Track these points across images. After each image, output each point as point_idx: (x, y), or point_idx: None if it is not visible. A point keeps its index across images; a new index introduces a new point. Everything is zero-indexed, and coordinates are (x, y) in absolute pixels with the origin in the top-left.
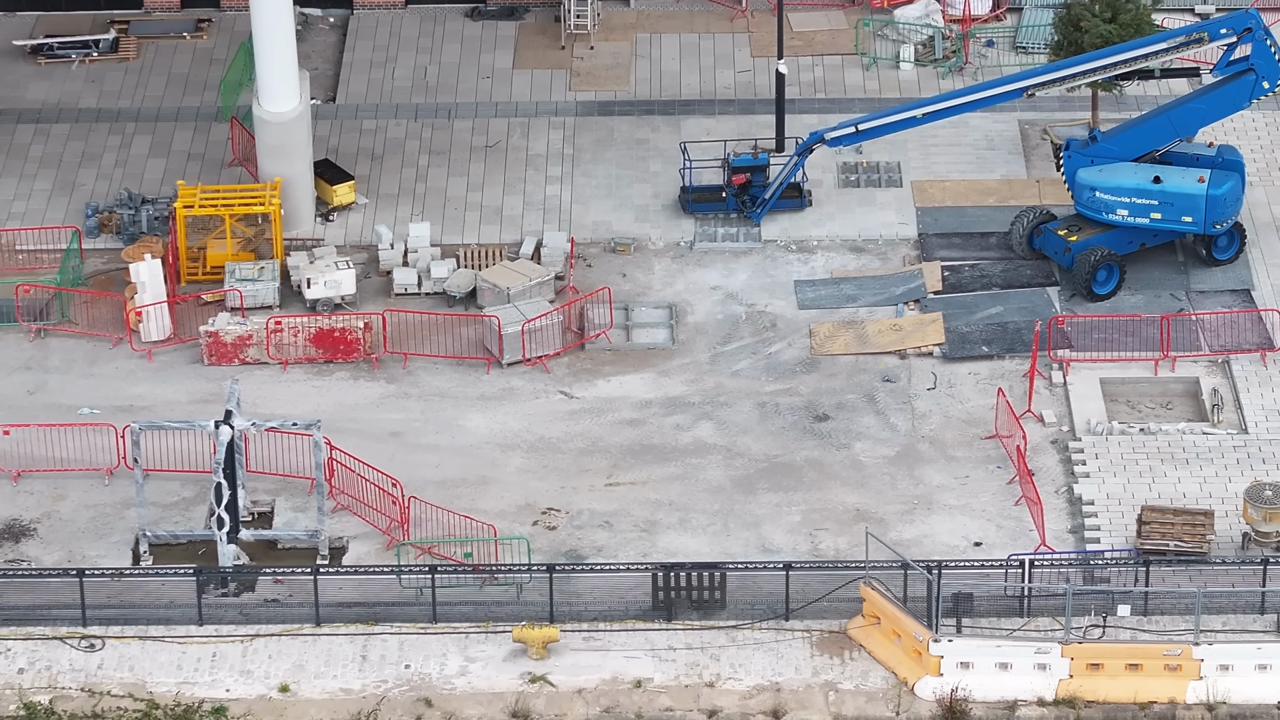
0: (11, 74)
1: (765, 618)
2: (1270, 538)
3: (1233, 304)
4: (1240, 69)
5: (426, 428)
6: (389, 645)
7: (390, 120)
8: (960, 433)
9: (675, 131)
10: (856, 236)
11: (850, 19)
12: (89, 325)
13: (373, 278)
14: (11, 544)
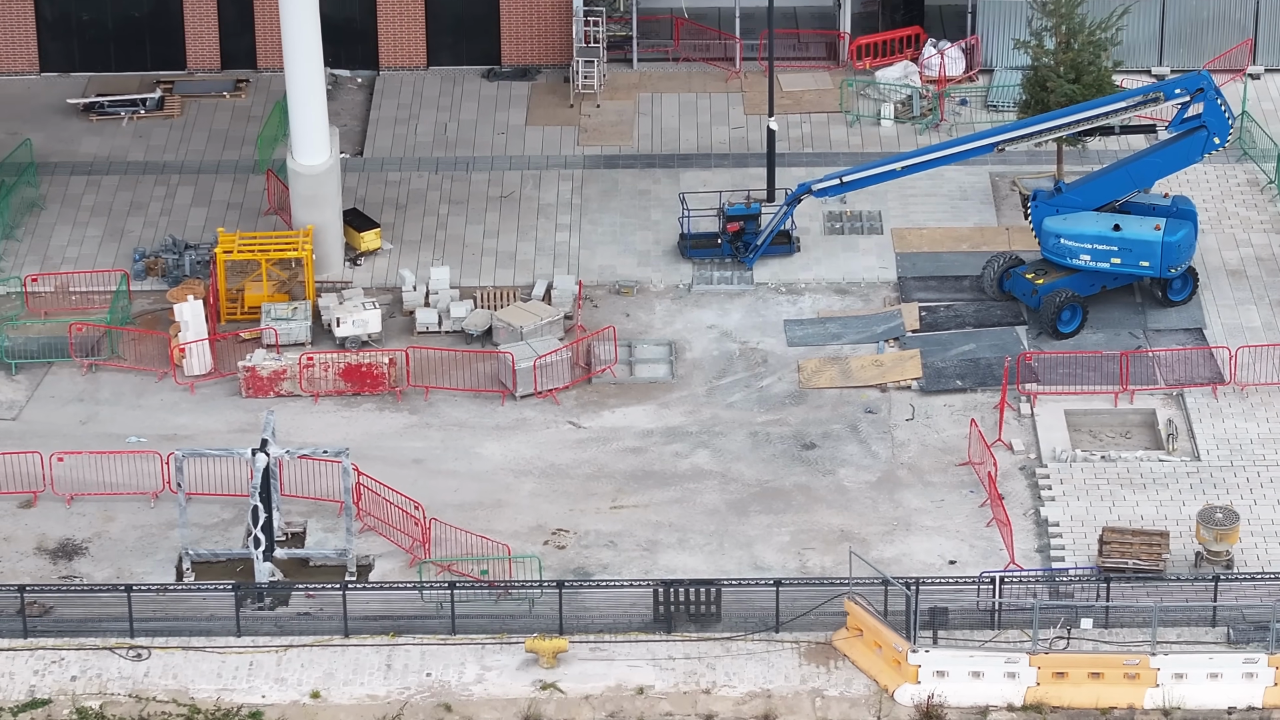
0: (66, 130)
1: (757, 630)
2: (1221, 556)
3: (1186, 341)
4: (1193, 126)
5: (446, 455)
6: (412, 655)
7: (413, 172)
8: (936, 460)
9: (674, 183)
10: (841, 279)
11: (835, 80)
12: (136, 361)
13: (397, 317)
14: (65, 561)
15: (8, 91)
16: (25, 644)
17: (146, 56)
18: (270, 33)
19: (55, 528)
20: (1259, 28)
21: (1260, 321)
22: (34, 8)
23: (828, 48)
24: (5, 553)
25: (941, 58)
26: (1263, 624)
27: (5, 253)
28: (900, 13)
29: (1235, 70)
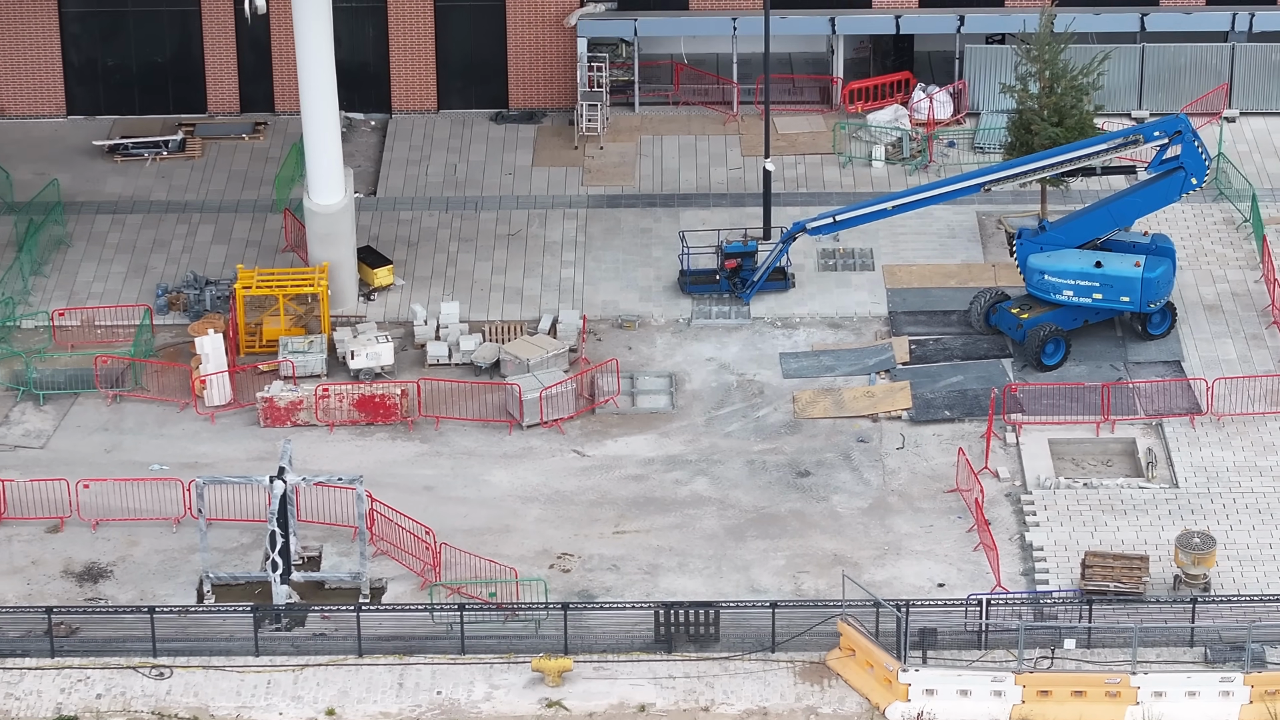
0: (92, 170)
1: (754, 650)
2: (1198, 579)
3: (1165, 374)
4: (1171, 167)
5: (456, 482)
6: (423, 674)
7: (424, 211)
8: (925, 487)
9: (675, 221)
10: (834, 314)
11: (828, 123)
12: (159, 391)
13: (409, 350)
14: (91, 584)
15: (36, 134)
16: (53, 663)
17: (169, 100)
18: (287, 77)
19: (81, 552)
20: (1234, 73)
21: (1236, 354)
22: (61, 54)
23: (821, 92)
24: (34, 575)
25: (930, 102)
26: (1238, 644)
27: (34, 288)
28: (891, 59)
29: (1211, 114)
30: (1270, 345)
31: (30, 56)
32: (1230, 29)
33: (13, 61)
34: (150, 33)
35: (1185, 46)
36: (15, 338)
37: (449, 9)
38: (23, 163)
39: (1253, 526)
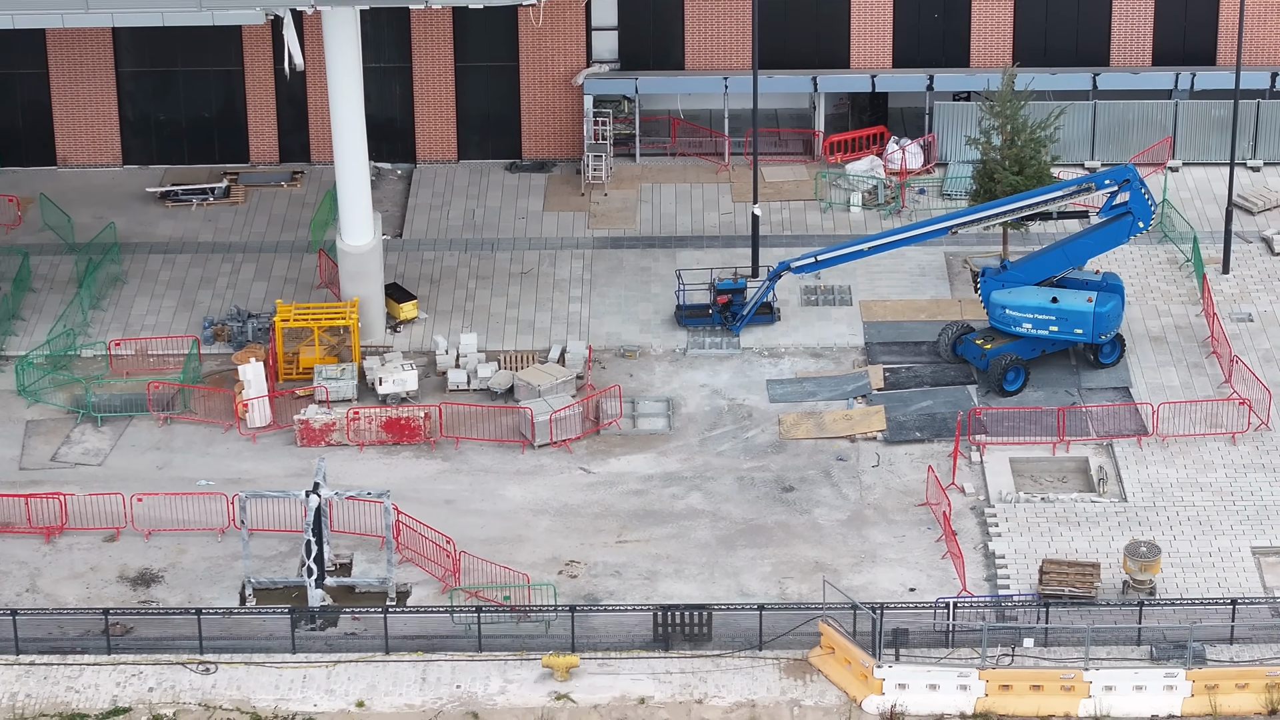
0: (145, 215)
1: (743, 648)
2: (1145, 584)
3: (1115, 399)
4: (1120, 212)
5: (474, 496)
6: (444, 669)
7: (445, 252)
8: (898, 501)
9: (671, 261)
10: (816, 345)
11: (811, 172)
12: (206, 414)
13: (431, 377)
14: (144, 588)
15: (95, 182)
16: (109, 659)
17: (215, 151)
18: (322, 130)
19: (135, 559)
20: (1177, 128)
21: (1179, 381)
22: (118, 109)
23: (804, 144)
24: (92, 580)
25: (903, 153)
26: (1181, 643)
27: (93, 321)
28: (867, 114)
29: (1157, 164)
30: (1210, 373)
31: (90, 112)
32: (1174, 88)
33: (74, 116)
34: (198, 90)
35: (1133, 103)
36: (76, 365)
37: (468, 69)
38: (83, 207)
39: (1194, 537)
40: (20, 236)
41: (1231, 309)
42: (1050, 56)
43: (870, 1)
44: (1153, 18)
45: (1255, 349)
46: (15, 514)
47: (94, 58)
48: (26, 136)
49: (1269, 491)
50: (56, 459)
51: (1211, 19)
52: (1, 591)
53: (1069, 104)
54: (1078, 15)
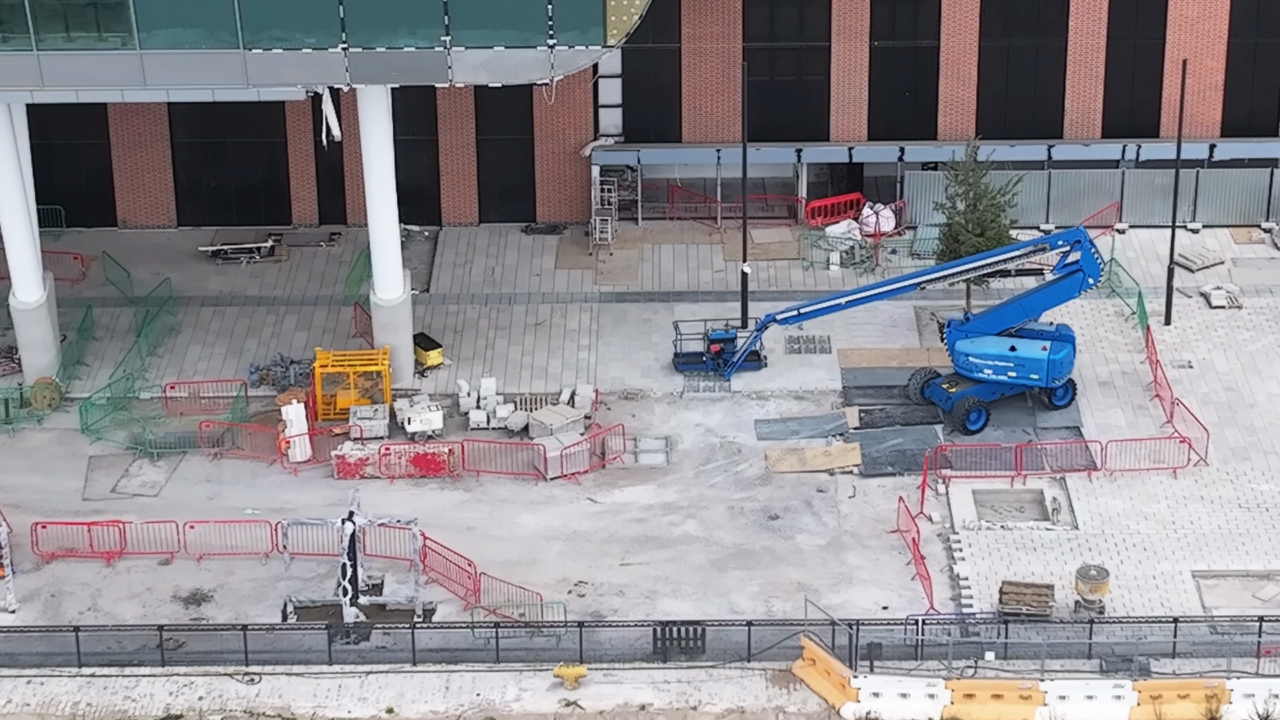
0: (197, 271)
1: (733, 660)
2: (1095, 604)
3: (1067, 437)
4: (1072, 270)
5: (492, 524)
6: (465, 679)
7: (468, 305)
8: (872, 528)
9: (670, 313)
10: (799, 388)
11: (795, 234)
12: (252, 450)
13: (455, 417)
14: (195, 607)
15: (152, 241)
16: (163, 671)
17: (260, 214)
18: (357, 196)
19: (187, 580)
20: (1124, 194)
21: (1125, 421)
22: (173, 176)
23: (789, 209)
24: (148, 600)
25: (877, 217)
26: (1128, 657)
27: (149, 366)
28: (845, 182)
29: (1106, 226)
30: (1153, 414)
31: (147, 178)
32: (1121, 158)
33: (133, 182)
34: (245, 159)
35: (1084, 172)
36: (134, 406)
37: (488, 141)
38: (141, 264)
39: (1139, 561)
40: (84, 290)
41: (1173, 357)
42: (1010, 130)
43: (848, 81)
44: (1102, 95)
45: (1194, 392)
46: (79, 540)
47: (151, 129)
48: (90, 200)
49: (1207, 521)
50: (116, 490)
51: (1155, 96)
52: (66, 610)
53: (1026, 172)
54: (1034, 93)
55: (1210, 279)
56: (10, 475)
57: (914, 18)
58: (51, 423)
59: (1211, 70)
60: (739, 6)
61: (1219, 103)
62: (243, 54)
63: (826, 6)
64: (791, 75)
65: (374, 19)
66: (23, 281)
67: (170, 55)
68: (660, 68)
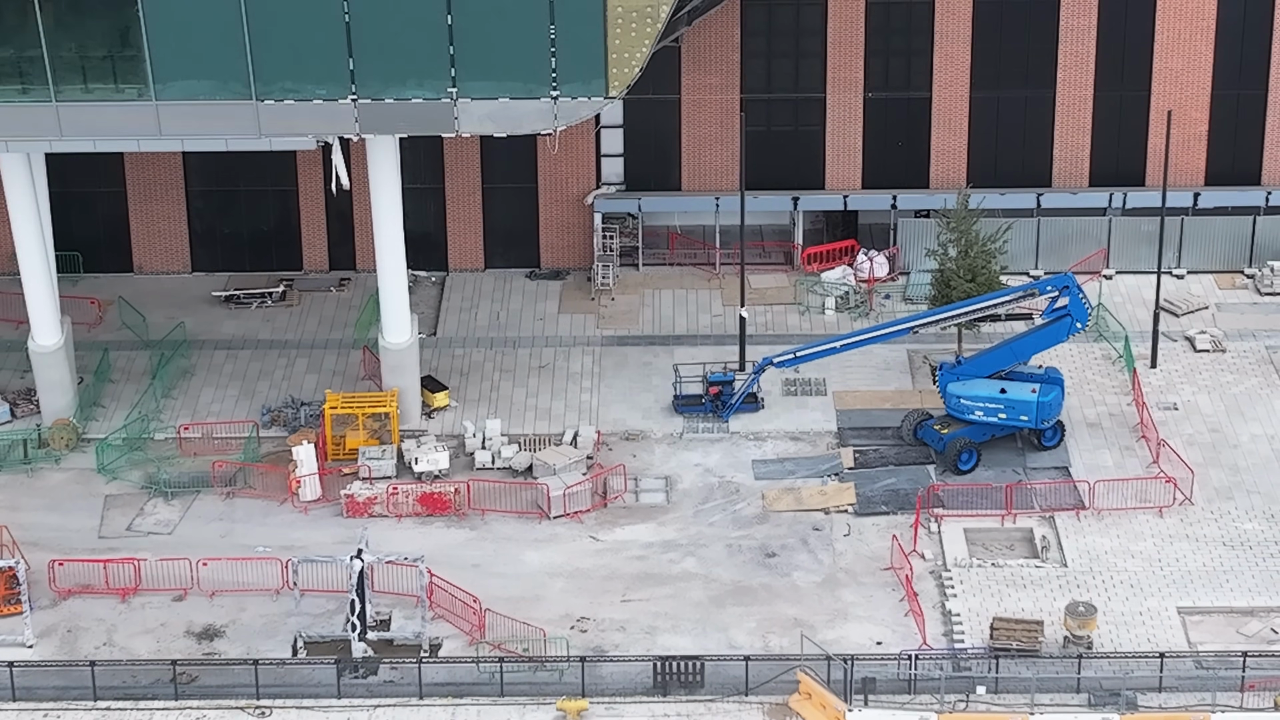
0: (211, 315)
1: (732, 694)
2: (1083, 640)
3: (1056, 476)
4: (1060, 314)
5: (497, 561)
6: (470, 712)
7: (473, 348)
8: (866, 566)
9: (670, 356)
10: (795, 430)
11: (791, 279)
12: (263, 489)
13: (461, 457)
14: (208, 642)
15: (167, 287)
16: (176, 705)
17: (272, 259)
18: (366, 242)
19: (200, 616)
20: (1111, 241)
21: (1112, 462)
22: (187, 223)
23: (785, 255)
24: (162, 635)
25: (871, 263)
26: (1115, 691)
27: (164, 408)
28: (840, 229)
29: (1094, 272)
30: (1139, 455)
31: (162, 225)
32: (1108, 205)
33: (148, 229)
34: (257, 206)
35: (1072, 219)
36: (149, 447)
37: (493, 190)
38: (156, 309)
39: (1126, 598)
40: (101, 334)
41: (1159, 399)
42: (1000, 179)
43: (842, 131)
44: (1089, 145)
45: (1180, 434)
46: (95, 577)
47: (166, 178)
48: (106, 246)
49: (1192, 559)
50: (131, 528)
51: (1141, 146)
52: (82, 645)
53: (1015, 220)
54: (1024, 143)
55: (1195, 323)
56: (28, 514)
57: (907, 70)
58: (69, 462)
59: (1196, 121)
60: (737, 59)
61: (1203, 152)
62: (255, 105)
63: (822, 59)
64: (788, 126)
65: (383, 71)
66: (41, 325)
67: (185, 106)
68: (660, 118)
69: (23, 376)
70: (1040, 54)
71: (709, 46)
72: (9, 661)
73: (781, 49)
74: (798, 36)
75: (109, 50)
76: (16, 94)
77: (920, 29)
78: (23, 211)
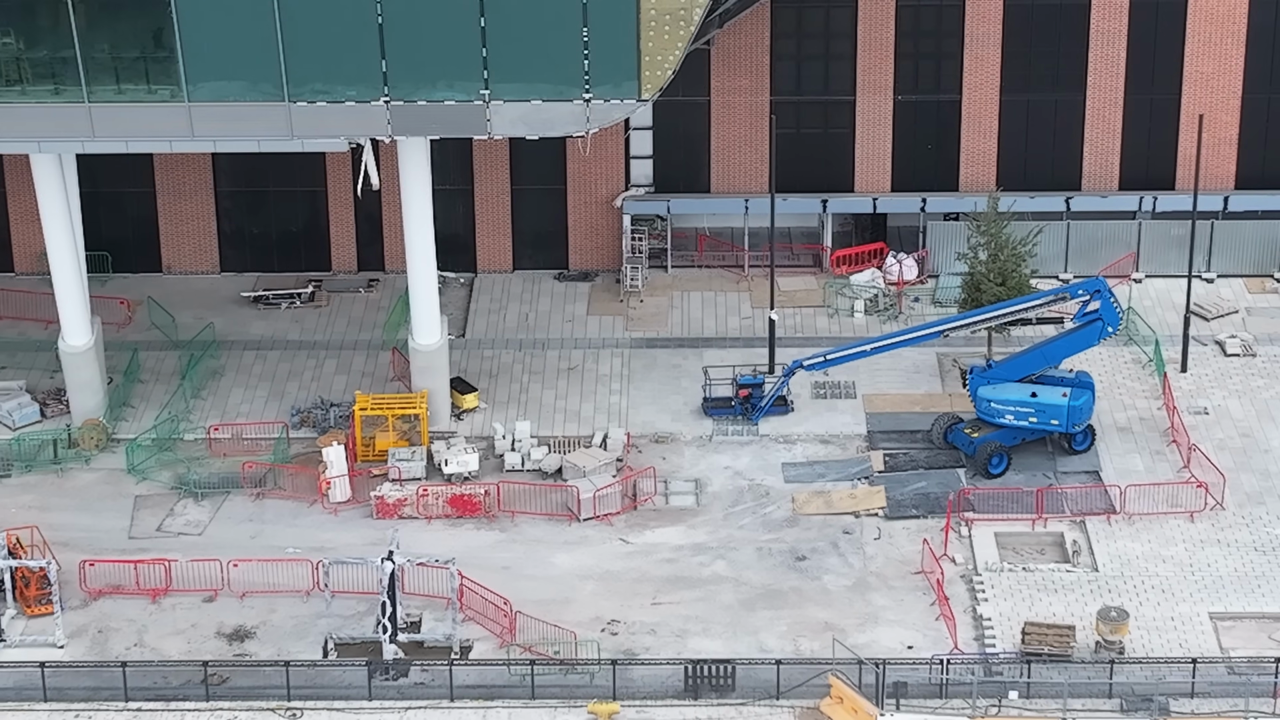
0: (240, 316)
1: (763, 697)
2: (1115, 645)
3: (1087, 481)
4: (1091, 318)
5: (527, 563)
6: (500, 715)
7: (502, 350)
8: (897, 569)
9: (699, 359)
10: (825, 433)
11: (820, 282)
12: (293, 490)
13: (490, 459)
14: (239, 643)
15: (196, 287)
16: (208, 706)
17: (301, 260)
18: (395, 243)
19: (231, 617)
20: (1140, 244)
21: (1143, 466)
22: (216, 224)
23: (814, 258)
24: (193, 636)
25: (900, 266)
26: (1148, 696)
27: (194, 408)
28: (869, 232)
29: (1123, 276)
30: (1170, 459)
31: (191, 226)
32: (1138, 209)
33: (178, 230)
34: (286, 207)
35: (1102, 223)
36: (179, 447)
37: (522, 191)
38: (185, 309)
39: (1158, 603)
40: (130, 334)
41: (1189, 403)
42: (1029, 182)
43: (872, 134)
44: (1119, 148)
45: (1210, 438)
46: (125, 578)
47: (195, 178)
48: (135, 247)
49: (1224, 564)
50: (162, 529)
51: (1171, 149)
52: (113, 646)
53: (1045, 223)
54: (1053, 146)
55: (1225, 328)
56: (58, 514)
57: (937, 73)
58: (98, 463)
59: (1226, 125)
60: (767, 61)
61: (1233, 156)
62: (288, 106)
63: (852, 61)
64: (817, 128)
65: (415, 73)
66: (72, 326)
67: (217, 107)
68: (690, 120)
69: (52, 377)
70: (1070, 57)
71: (739, 48)
72: (41, 662)
73: (811, 51)
74: (828, 39)
75: (142, 51)
76: (49, 94)
77: (950, 32)
78: (54, 212)
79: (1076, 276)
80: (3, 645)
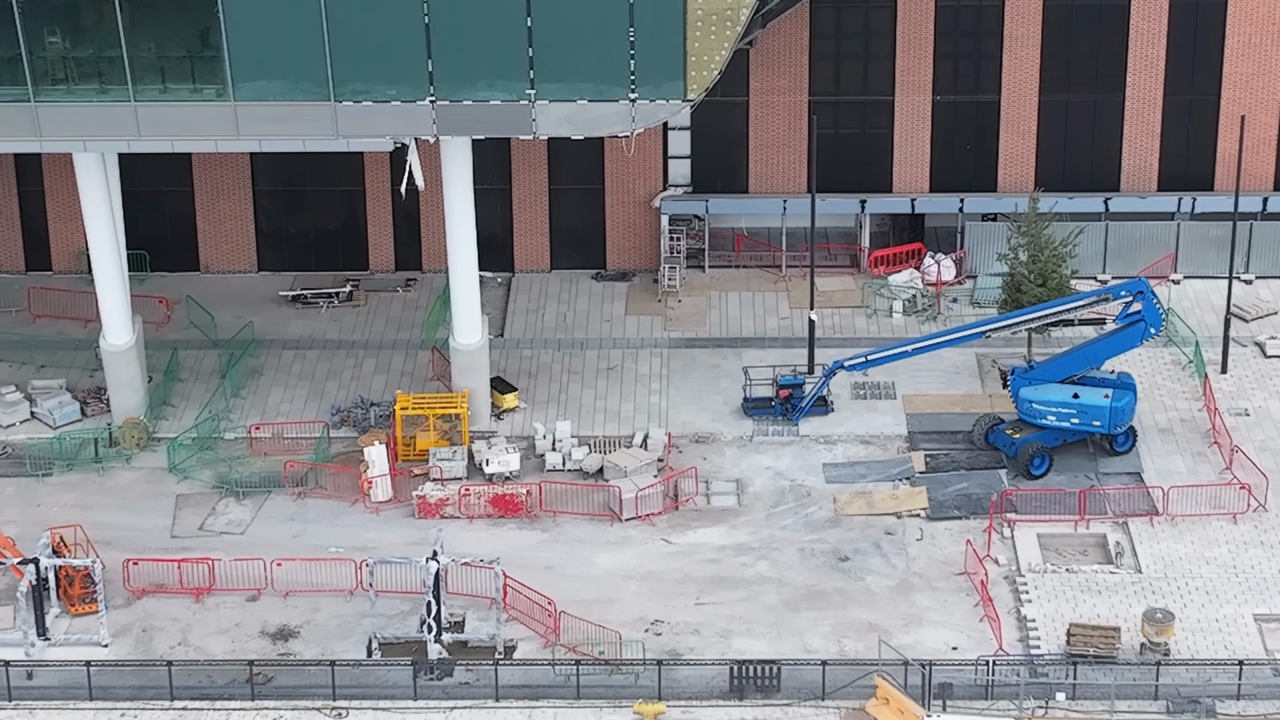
0: (278, 315)
1: (808, 698)
2: (1160, 647)
3: (1129, 482)
4: (1134, 319)
5: (570, 563)
6: (545, 714)
7: (541, 350)
8: (940, 570)
9: (738, 359)
10: (865, 433)
11: (859, 283)
12: (335, 490)
13: (531, 459)
14: (283, 642)
15: (234, 286)
16: (253, 705)
17: (339, 260)
18: (433, 242)
19: (275, 616)
20: (1179, 245)
21: (1184, 468)
22: (254, 223)
23: (852, 258)
24: (237, 635)
25: (939, 266)
26: (1194, 699)
27: (234, 408)
28: (907, 232)
29: (1162, 277)
30: (1212, 461)
31: (230, 225)
32: (1176, 210)
33: (216, 229)
34: (324, 206)
35: (1141, 224)
36: (220, 447)
37: (560, 191)
38: (224, 309)
39: (1202, 604)
40: (169, 333)
41: (1230, 405)
42: (1068, 182)
43: (911, 134)
44: (1159, 149)
45: (1252, 440)
46: (169, 577)
47: (233, 178)
48: (174, 246)
49: (1267, 565)
50: (204, 528)
51: (1210, 150)
52: (157, 645)
53: (1085, 224)
54: (1092, 146)
55: (1264, 329)
56: (100, 513)
57: (976, 73)
58: (139, 462)
59: (1266, 125)
60: (805, 61)
61: (1273, 157)
62: (333, 105)
63: (891, 62)
64: (856, 128)
65: (461, 73)
66: (113, 325)
67: (263, 107)
68: (728, 120)
69: (91, 375)
70: (1110, 58)
71: (778, 49)
72: (86, 660)
73: (850, 51)
74: (866, 39)
75: (188, 50)
76: (95, 94)
77: (989, 32)
78: (97, 211)
79: (1115, 278)
80: (48, 644)
